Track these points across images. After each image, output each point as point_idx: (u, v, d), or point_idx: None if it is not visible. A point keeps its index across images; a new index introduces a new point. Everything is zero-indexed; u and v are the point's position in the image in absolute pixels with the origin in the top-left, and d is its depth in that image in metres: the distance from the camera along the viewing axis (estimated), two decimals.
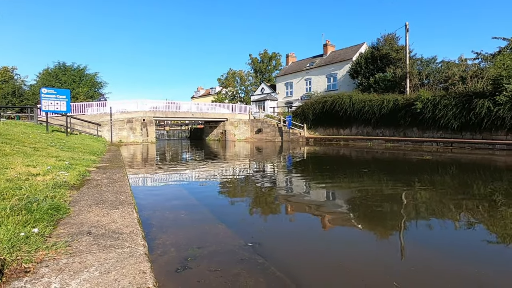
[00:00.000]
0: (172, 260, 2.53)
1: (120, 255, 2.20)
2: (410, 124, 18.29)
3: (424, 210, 4.36)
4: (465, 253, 2.83)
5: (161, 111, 24.05)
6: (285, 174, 8.34)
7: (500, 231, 3.43)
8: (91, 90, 28.80)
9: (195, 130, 36.16)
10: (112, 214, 3.15)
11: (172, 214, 4.02)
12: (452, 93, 16.64)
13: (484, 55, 20.22)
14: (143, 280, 1.87)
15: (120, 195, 4.04)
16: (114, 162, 7.81)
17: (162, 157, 13.29)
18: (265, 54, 45.82)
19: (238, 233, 3.25)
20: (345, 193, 5.75)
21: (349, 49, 31.19)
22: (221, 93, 48.63)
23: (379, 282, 2.27)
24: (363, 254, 2.83)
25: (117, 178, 5.35)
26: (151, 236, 3.13)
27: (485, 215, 4.02)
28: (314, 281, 2.28)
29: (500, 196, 5.19)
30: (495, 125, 14.58)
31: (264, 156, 13.61)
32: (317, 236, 3.39)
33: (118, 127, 21.32)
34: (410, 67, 20.65)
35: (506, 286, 2.16)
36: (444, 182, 6.61)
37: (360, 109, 20.60)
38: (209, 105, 29.04)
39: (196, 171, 8.83)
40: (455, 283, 2.23)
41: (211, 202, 4.86)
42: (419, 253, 2.87)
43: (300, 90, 33.76)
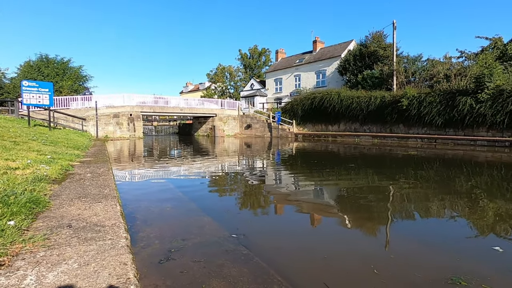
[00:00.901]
0: (155, 252, 2.50)
1: (100, 247, 2.15)
2: (397, 121, 18.65)
3: (406, 203, 4.47)
4: (443, 243, 2.92)
5: (149, 106, 23.65)
6: (273, 170, 8.37)
7: (476, 222, 3.55)
8: (75, 83, 27.96)
9: (183, 126, 35.78)
10: (94, 208, 3.08)
11: (158, 208, 3.97)
12: (437, 90, 17.04)
13: (468, 54, 20.76)
14: (123, 271, 1.84)
15: (104, 188, 3.96)
16: (99, 157, 7.64)
17: (149, 152, 13.10)
18: (254, 50, 45.62)
19: (223, 226, 3.24)
20: (330, 187, 5.82)
21: (338, 46, 31.42)
22: (210, 88, 48.23)
23: (360, 269, 2.34)
24: (346, 245, 2.88)
25: (101, 172, 5.23)
26: (135, 229, 3.08)
27: (464, 208, 4.16)
28: (297, 270, 2.31)
29: (479, 190, 5.37)
30: (477, 122, 15.05)
31: (253, 151, 13.61)
32: (302, 228, 3.43)
33: (104, 122, 20.85)
34: (397, 65, 21.00)
35: (478, 272, 2.24)
36: (427, 177, 6.78)
37: (348, 106, 20.84)
38: (198, 101, 28.74)
39: (183, 166, 8.75)
40: (431, 269, 2.32)
41: (197, 196, 4.82)
42: (399, 243, 2.95)
43: (290, 86, 33.84)
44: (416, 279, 2.14)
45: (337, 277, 2.20)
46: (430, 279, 2.13)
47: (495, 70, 14.87)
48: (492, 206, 4.18)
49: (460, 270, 2.25)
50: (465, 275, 2.14)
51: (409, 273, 2.23)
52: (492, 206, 4.15)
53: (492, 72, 14.77)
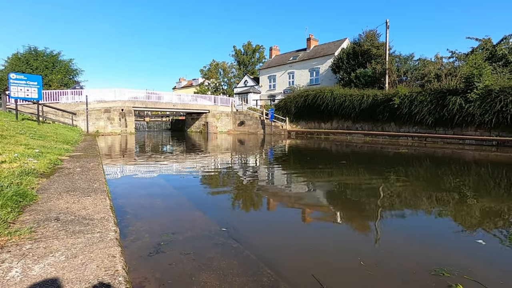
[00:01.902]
0: (145, 245, 2.50)
1: (89, 240, 2.14)
2: (388, 119, 18.87)
3: (395, 199, 4.54)
4: (429, 237, 3.00)
5: (141, 101, 23.36)
6: (265, 166, 8.39)
7: (462, 217, 3.64)
8: (65, 77, 27.35)
9: (176, 122, 35.48)
10: (83, 201, 3.05)
11: (148, 202, 3.95)
12: (428, 90, 17.28)
13: (458, 54, 21.08)
14: (112, 264, 1.83)
15: (93, 183, 3.91)
16: (89, 152, 7.53)
17: (141, 148, 12.97)
18: (248, 46, 45.40)
19: (214, 220, 3.25)
20: (321, 183, 5.87)
21: (332, 44, 31.52)
22: (203, 84, 47.85)
23: (347, 261, 2.40)
24: (334, 239, 2.93)
25: (91, 167, 5.17)
26: (125, 223, 3.06)
27: (450, 204, 4.25)
28: (286, 263, 2.34)
29: (465, 187, 5.50)
30: (466, 121, 15.34)
31: (246, 148, 13.61)
32: (292, 222, 3.46)
33: (95, 117, 20.53)
34: (389, 64, 21.20)
35: (461, 264, 2.32)
36: (416, 174, 6.91)
37: (341, 104, 20.98)
38: (191, 97, 28.51)
39: (175, 162, 8.70)
40: (416, 261, 2.39)
41: (189, 192, 4.81)
42: (387, 237, 3.01)
43: (283, 83, 33.85)
44: (401, 271, 2.21)
45: (324, 269, 2.24)
46: (415, 271, 2.19)
47: (484, 71, 15.15)
48: (478, 202, 4.29)
49: (444, 262, 2.31)
50: (448, 267, 2.21)
51: (395, 265, 2.30)
52: (478, 203, 4.26)
53: (481, 72, 15.04)
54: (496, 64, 18.37)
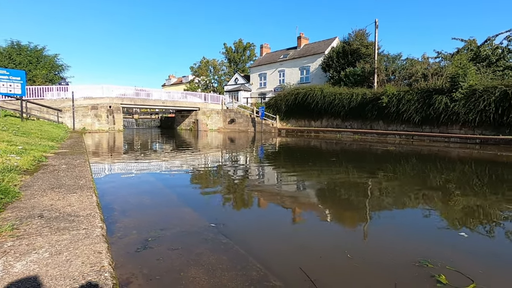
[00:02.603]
0: (133, 242, 2.46)
1: (74, 237, 2.09)
2: (377, 118, 19.16)
3: (382, 195, 4.63)
4: (414, 231, 3.07)
5: (130, 98, 22.95)
6: (255, 164, 8.40)
7: (446, 212, 3.75)
8: (50, 73, 26.54)
9: (165, 119, 35.07)
10: (68, 198, 2.98)
11: (136, 199, 3.89)
12: (415, 89, 17.63)
13: (444, 54, 21.58)
14: (98, 260, 1.80)
15: (79, 179, 3.83)
16: (75, 149, 7.36)
17: (129, 145, 12.76)
18: (239, 44, 45.20)
19: (204, 216, 3.23)
20: (311, 180, 5.92)
21: (322, 42, 31.74)
22: (193, 82, 47.42)
23: (334, 254, 2.44)
24: (322, 233, 2.97)
25: (77, 164, 5.06)
26: (112, 219, 3.01)
27: (435, 199, 4.36)
28: (275, 257, 2.36)
29: (450, 184, 5.65)
30: (451, 120, 15.74)
31: (236, 146, 13.58)
32: (280, 218, 3.49)
33: (82, 114, 20.05)
34: (378, 63, 21.51)
35: (445, 255, 2.39)
36: (404, 171, 7.06)
37: (331, 102, 21.17)
38: (181, 94, 28.19)
39: (165, 160, 8.60)
40: (402, 254, 2.45)
41: (178, 189, 4.77)
42: (373, 231, 3.07)
43: (274, 81, 33.90)
44: (387, 262, 2.26)
45: (312, 263, 2.27)
46: (400, 262, 2.26)
47: (469, 71, 15.55)
48: (461, 198, 4.42)
49: (429, 254, 2.38)
50: (432, 258, 2.28)
51: (381, 257, 2.36)
52: (461, 198, 4.39)
53: (466, 72, 15.44)
54: (480, 65, 18.91)
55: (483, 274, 2.11)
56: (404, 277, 2.05)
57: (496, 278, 2.10)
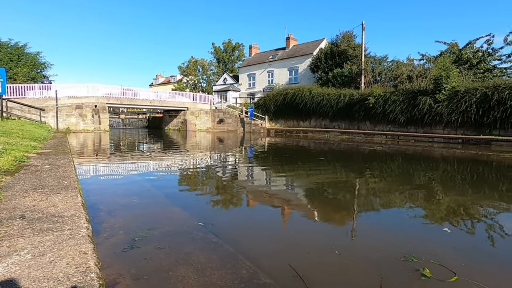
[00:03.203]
0: (120, 242, 2.41)
1: (58, 238, 2.03)
2: (364, 118, 19.51)
3: (369, 193, 4.72)
4: (400, 227, 3.15)
5: (116, 97, 22.48)
6: (244, 164, 8.39)
7: (430, 208, 3.85)
8: (32, 71, 25.66)
9: (153, 119, 34.56)
10: (52, 199, 2.90)
11: (124, 200, 3.82)
12: (400, 90, 18.06)
13: (428, 57, 22.22)
14: (83, 261, 1.75)
15: (64, 180, 3.72)
16: (59, 149, 7.16)
17: (116, 146, 12.50)
18: (228, 44, 45.08)
19: (193, 216, 3.20)
20: (299, 179, 5.97)
21: (310, 44, 32.05)
22: (182, 81, 46.94)
23: (322, 251, 2.47)
24: (310, 231, 3.01)
25: (61, 164, 4.91)
26: (98, 220, 2.94)
27: (420, 197, 4.48)
28: (265, 255, 2.38)
29: (434, 182, 5.82)
30: (435, 120, 16.21)
31: (225, 146, 13.53)
32: (269, 216, 3.50)
33: (66, 113, 19.50)
34: (365, 64, 21.91)
35: (429, 250, 2.47)
36: (389, 170, 7.21)
37: (319, 103, 21.41)
38: (169, 94, 27.85)
39: (152, 160, 8.47)
40: (388, 250, 2.51)
41: (166, 189, 4.70)
42: (360, 229, 3.13)
43: (263, 81, 33.97)
44: (373, 258, 2.32)
45: (301, 259, 2.29)
46: (386, 258, 2.32)
47: (451, 73, 16.06)
48: (444, 195, 4.55)
49: (414, 249, 2.45)
50: (417, 253, 2.35)
51: (368, 253, 2.41)
52: (444, 195, 4.52)
53: (448, 74, 15.93)
54: (462, 67, 19.57)
55: (465, 266, 2.19)
56: (390, 271, 2.10)
57: (477, 270, 2.18)
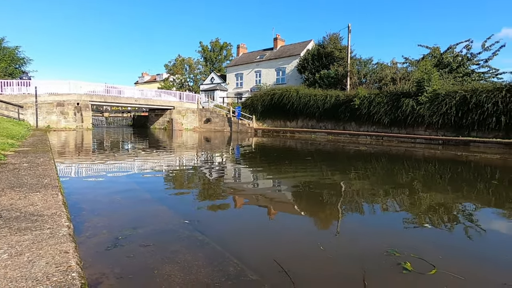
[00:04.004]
0: (103, 241, 2.35)
1: (37, 237, 1.96)
2: (349, 119, 19.86)
3: (353, 192, 4.81)
4: (383, 224, 3.24)
5: (100, 95, 21.90)
6: (231, 163, 8.37)
7: (412, 205, 3.98)
8: (10, 66, 24.63)
9: (138, 118, 33.89)
10: (31, 197, 2.79)
11: (107, 199, 3.72)
12: (385, 92, 18.51)
13: (411, 60, 22.89)
14: (64, 260, 1.70)
15: (43, 178, 3.59)
16: (38, 147, 6.91)
17: (99, 144, 12.18)
18: (216, 43, 44.83)
19: (178, 214, 3.16)
20: (285, 178, 6.01)
21: (298, 45, 32.35)
22: (168, 80, 46.26)
23: (307, 247, 2.51)
24: (295, 228, 3.05)
25: (41, 162, 4.74)
26: (81, 219, 2.86)
27: (402, 195, 4.61)
28: (251, 251, 2.39)
29: (415, 180, 6.00)
30: (417, 122, 16.71)
31: (212, 145, 13.44)
32: (255, 214, 3.52)
33: (46, 111, 18.81)
34: (351, 66, 22.32)
35: (410, 245, 2.56)
36: (373, 170, 7.37)
37: (306, 103, 21.63)
38: (155, 92, 27.41)
39: (137, 159, 8.31)
40: (371, 245, 2.58)
41: (151, 188, 4.63)
42: (345, 226, 3.19)
43: (250, 81, 33.99)
44: (357, 253, 2.40)
45: (286, 255, 2.32)
46: (369, 253, 2.39)
47: (433, 76, 16.61)
48: (425, 193, 4.71)
49: (396, 244, 2.53)
50: (399, 248, 2.42)
51: (351, 249, 2.49)
52: (425, 194, 4.68)
53: (430, 77, 16.47)
54: (442, 71, 20.26)
55: (443, 260, 2.28)
56: (373, 265, 2.16)
57: (454, 263, 2.27)
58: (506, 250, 2.58)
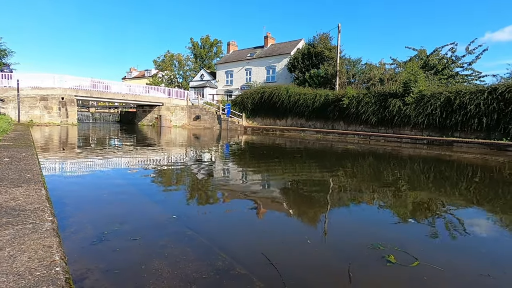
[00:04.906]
0: (88, 236, 2.31)
1: (19, 232, 1.91)
2: (338, 118, 20.11)
3: (340, 189, 4.88)
4: (368, 219, 3.30)
5: (86, 90, 21.33)
6: (220, 160, 8.34)
7: (397, 202, 4.08)
8: None
9: (126, 114, 33.23)
10: (12, 192, 2.71)
11: (92, 194, 3.65)
12: (373, 92, 18.82)
13: (398, 62, 23.37)
14: (47, 255, 1.66)
15: (26, 173, 3.49)
16: (20, 142, 6.69)
17: (85, 140, 11.89)
18: (206, 40, 44.40)
19: (166, 209, 3.13)
20: (274, 175, 6.04)
21: (288, 43, 32.44)
22: (157, 76, 45.54)
23: (294, 241, 2.56)
24: (283, 223, 3.09)
25: (23, 157, 4.60)
26: (65, 214, 2.79)
27: (388, 192, 4.72)
28: (239, 246, 2.40)
29: (401, 178, 6.15)
30: (403, 122, 17.09)
31: (201, 143, 13.35)
32: (243, 209, 3.52)
33: (29, 105, 18.21)
34: (340, 66, 22.57)
35: (394, 239, 2.64)
36: (361, 168, 7.50)
37: (296, 102, 21.75)
38: (143, 88, 26.90)
39: (124, 155, 8.16)
40: (356, 239, 2.65)
41: (138, 184, 4.55)
42: (332, 221, 3.24)
43: (240, 79, 33.89)
44: (343, 246, 2.47)
45: (274, 248, 2.35)
46: (355, 246, 2.45)
47: (419, 77, 17.00)
48: (409, 191, 4.83)
49: (381, 238, 2.61)
50: (384, 242, 2.50)
51: (338, 243, 2.56)
52: (409, 191, 4.80)
53: (416, 78, 16.85)
54: (428, 72, 20.76)
55: (425, 252, 2.38)
56: (359, 258, 2.23)
57: (435, 255, 2.36)
58: (484, 244, 2.71)
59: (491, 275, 2.05)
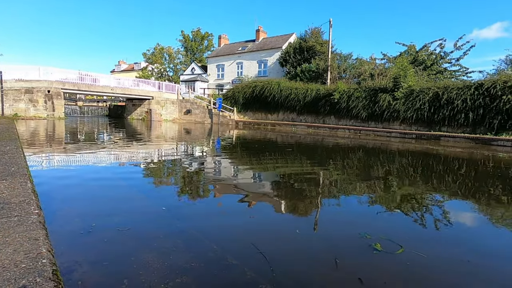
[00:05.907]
0: (76, 229, 2.28)
1: (3, 225, 1.87)
2: (329, 113, 20.24)
3: (331, 181, 4.95)
4: (357, 211, 3.37)
5: (73, 83, 20.80)
6: (211, 154, 8.30)
7: (385, 194, 4.16)
8: None
9: (115, 108, 32.61)
10: None
11: (80, 188, 3.59)
12: (363, 87, 18.98)
13: (389, 57, 23.59)
14: (34, 247, 1.63)
15: (10, 166, 3.40)
16: (4, 135, 6.51)
17: (73, 134, 11.63)
18: (197, 33, 43.73)
19: (156, 202, 3.11)
20: (266, 169, 6.06)
21: (280, 37, 32.28)
22: (146, 69, 44.78)
23: (283, 231, 2.61)
24: (273, 215, 3.12)
25: (8, 151, 4.48)
26: (52, 208, 2.74)
27: (376, 185, 4.81)
28: (229, 237, 2.42)
29: (389, 172, 6.26)
30: (393, 117, 17.34)
31: (192, 137, 13.25)
32: (233, 201, 3.54)
33: (13, 98, 17.66)
34: (331, 61, 22.64)
35: (381, 228, 2.70)
36: (350, 162, 7.60)
37: (287, 96, 21.76)
38: (133, 81, 26.40)
39: (113, 150, 8.03)
40: (344, 229, 2.72)
41: (128, 178, 4.50)
42: (321, 213, 3.28)
43: (232, 73, 33.62)
44: (331, 236, 2.53)
45: (263, 239, 2.39)
46: (343, 236, 2.52)
47: (408, 72, 17.22)
48: (397, 183, 4.93)
49: (368, 228, 2.68)
50: (370, 231, 2.57)
51: (326, 232, 2.61)
52: (396, 183, 4.90)
53: (406, 74, 17.07)
54: (417, 68, 21.05)
55: (409, 241, 2.47)
56: (347, 247, 2.30)
57: (419, 243, 2.45)
58: (465, 232, 2.82)
59: (471, 260, 2.16)
